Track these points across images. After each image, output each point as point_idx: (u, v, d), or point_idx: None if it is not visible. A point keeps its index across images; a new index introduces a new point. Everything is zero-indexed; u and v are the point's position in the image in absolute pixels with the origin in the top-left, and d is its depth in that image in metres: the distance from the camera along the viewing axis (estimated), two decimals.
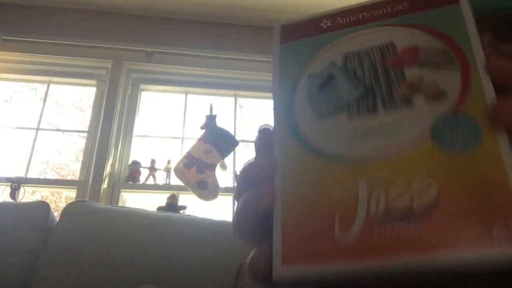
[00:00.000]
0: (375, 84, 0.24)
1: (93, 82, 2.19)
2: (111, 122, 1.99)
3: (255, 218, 0.24)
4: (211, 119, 1.98)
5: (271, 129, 0.26)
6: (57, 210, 2.44)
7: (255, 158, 0.26)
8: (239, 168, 2.08)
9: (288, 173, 0.23)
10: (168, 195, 1.83)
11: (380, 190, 0.21)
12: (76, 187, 1.90)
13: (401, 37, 0.25)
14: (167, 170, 1.97)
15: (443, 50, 0.24)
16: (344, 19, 0.28)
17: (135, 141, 2.08)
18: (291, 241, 0.21)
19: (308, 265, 0.20)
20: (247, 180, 0.25)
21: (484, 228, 0.18)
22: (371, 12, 0.27)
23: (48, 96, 2.17)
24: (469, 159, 0.20)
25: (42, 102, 2.14)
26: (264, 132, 0.27)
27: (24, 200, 1.79)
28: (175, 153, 2.07)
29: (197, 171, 1.82)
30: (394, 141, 0.22)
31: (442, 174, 0.20)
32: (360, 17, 0.27)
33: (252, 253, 0.24)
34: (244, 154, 2.38)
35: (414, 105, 0.23)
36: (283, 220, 0.22)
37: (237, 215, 0.25)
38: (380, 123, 0.23)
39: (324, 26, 0.28)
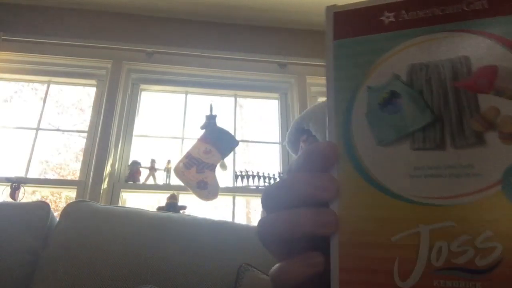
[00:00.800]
0: (444, 112, 0.21)
1: (93, 82, 2.19)
2: (111, 122, 1.99)
3: (303, 236, 0.23)
4: (211, 119, 1.98)
5: (335, 146, 0.23)
6: (57, 210, 2.44)
7: (314, 174, 0.23)
8: (239, 168, 2.08)
9: (346, 204, 0.22)
10: (168, 195, 1.83)
11: (443, 241, 0.20)
12: (76, 187, 1.90)
13: (478, 51, 0.21)
14: (167, 170, 1.97)
15: None
16: (410, 14, 0.23)
17: (135, 141, 2.08)
18: (350, 280, 0.21)
19: None
20: (299, 195, 0.23)
21: None
22: (443, 8, 0.23)
23: (48, 96, 2.17)
24: None
25: (42, 102, 2.14)
26: (330, 146, 0.23)
27: (24, 200, 1.79)
28: (175, 153, 2.07)
29: (197, 171, 1.82)
30: (462, 187, 0.20)
31: (509, 235, 0.19)
32: (430, 14, 0.23)
33: (282, 264, 0.24)
34: (244, 154, 2.38)
35: (487, 145, 0.20)
36: (341, 255, 0.21)
37: (276, 228, 0.23)
38: (448, 163, 0.21)
39: (386, 22, 0.24)
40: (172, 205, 1.75)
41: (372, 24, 0.24)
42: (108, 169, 1.91)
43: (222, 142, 1.91)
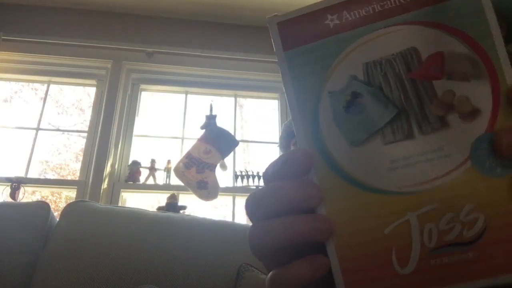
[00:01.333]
0: (406, 103, 0.23)
1: (93, 82, 2.19)
2: (111, 122, 1.99)
3: (301, 243, 0.23)
4: (211, 119, 1.98)
5: (310, 153, 0.24)
6: (57, 210, 2.44)
7: (296, 183, 0.24)
8: (239, 168, 2.08)
9: (334, 208, 0.22)
10: (168, 195, 1.83)
11: (431, 223, 0.21)
12: (76, 187, 1.90)
13: (423, 40, 0.23)
14: (167, 170, 1.97)
15: (470, 57, 0.22)
16: (352, 14, 0.24)
17: (135, 141, 2.08)
18: (354, 280, 0.21)
19: None
20: (287, 203, 0.23)
21: None
22: (382, 3, 0.24)
23: (48, 96, 2.17)
24: (510, 182, 0.21)
25: (42, 102, 2.14)
26: (304, 154, 0.24)
27: (24, 200, 1.79)
28: (175, 153, 2.07)
29: (197, 171, 1.82)
30: (437, 170, 0.22)
31: (487, 203, 0.21)
32: (371, 11, 0.24)
33: (283, 270, 0.24)
34: (244, 154, 2.38)
35: (450, 126, 0.22)
36: (340, 258, 0.22)
37: (274, 236, 0.23)
38: (420, 150, 0.22)
39: (331, 25, 0.24)
40: (172, 205, 1.75)
41: (318, 29, 0.24)
42: (108, 169, 1.91)
43: (222, 142, 1.91)
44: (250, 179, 2.02)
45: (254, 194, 0.25)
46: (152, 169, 1.95)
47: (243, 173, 2.03)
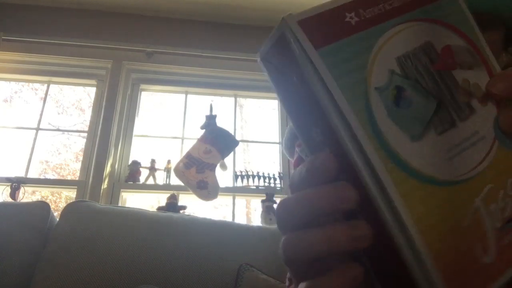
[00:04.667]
0: (441, 94, 0.24)
1: (93, 82, 2.19)
2: (111, 122, 1.99)
3: (341, 253, 0.23)
4: (211, 119, 1.98)
5: (332, 156, 0.23)
6: (57, 210, 2.45)
7: (328, 187, 0.23)
8: (239, 168, 2.08)
9: (414, 209, 0.21)
10: (168, 195, 1.83)
11: (493, 204, 0.23)
12: (76, 187, 1.90)
13: (433, 34, 0.25)
14: (167, 170, 1.97)
15: (467, 48, 0.24)
16: (368, 12, 0.24)
17: (135, 141, 2.08)
18: (448, 278, 0.21)
19: None
20: (321, 211, 0.23)
21: None
22: (389, 2, 0.25)
23: (48, 96, 2.17)
24: None
25: (42, 102, 2.14)
26: (327, 158, 0.23)
27: (24, 200, 1.79)
28: (175, 153, 2.07)
29: (197, 171, 1.82)
30: (481, 153, 0.23)
31: None
32: (383, 10, 0.24)
33: (318, 281, 0.23)
34: (244, 154, 2.38)
35: (476, 111, 0.24)
36: (434, 258, 0.21)
37: (311, 248, 0.23)
38: (464, 135, 0.23)
39: (353, 22, 0.24)
40: (172, 205, 1.75)
41: (342, 26, 0.24)
42: (108, 169, 1.91)
43: (222, 142, 1.91)
44: (250, 179, 2.02)
45: (284, 203, 0.24)
46: (152, 169, 1.95)
47: (243, 173, 2.03)
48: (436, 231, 0.22)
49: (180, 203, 1.82)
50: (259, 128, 2.43)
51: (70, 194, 2.03)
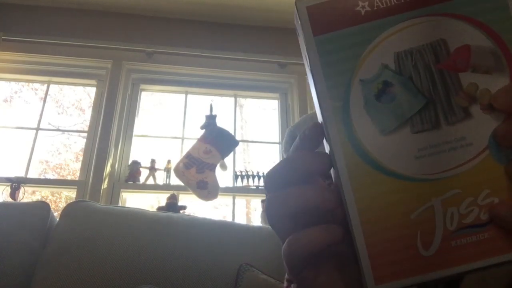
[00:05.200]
0: (434, 93, 0.24)
1: (93, 82, 2.19)
2: (111, 122, 1.99)
3: (314, 210, 0.25)
4: (211, 119, 1.98)
5: (319, 124, 0.26)
6: (57, 210, 2.45)
7: (307, 152, 0.26)
8: (239, 168, 2.08)
9: (362, 194, 0.24)
10: (168, 195, 1.83)
11: (453, 207, 0.23)
12: (76, 187, 1.90)
13: (451, 32, 0.24)
14: (167, 170, 1.97)
15: (493, 51, 0.23)
16: (384, 2, 0.24)
17: (135, 141, 2.08)
18: (380, 263, 0.23)
19: (400, 281, 0.23)
20: (300, 172, 0.25)
21: None
22: None
23: (48, 96, 2.17)
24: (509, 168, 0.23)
25: (42, 102, 2.14)
26: (314, 125, 0.26)
27: (24, 200, 1.79)
28: (175, 153, 2.07)
29: (197, 171, 1.82)
30: (460, 158, 0.23)
31: (500, 188, 0.23)
32: (402, 0, 0.24)
33: (300, 234, 0.25)
34: (244, 154, 2.38)
35: (472, 117, 0.23)
36: (368, 244, 0.23)
37: (287, 204, 0.25)
38: (445, 139, 0.23)
39: (363, 12, 0.24)
40: (172, 205, 1.75)
41: (350, 15, 0.24)
42: (108, 169, 1.91)
43: (222, 142, 1.91)
44: (250, 179, 2.02)
45: (273, 168, 0.27)
46: (152, 169, 1.95)
47: (243, 173, 2.03)
48: (375, 214, 0.23)
49: (180, 203, 1.82)
50: (259, 128, 2.43)
51: (70, 194, 2.03)
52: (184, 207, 1.79)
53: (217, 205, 2.17)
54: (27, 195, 1.86)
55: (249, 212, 2.53)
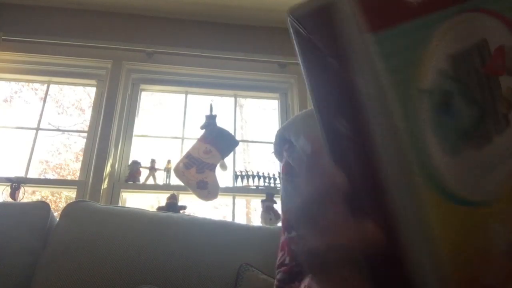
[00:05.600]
0: (484, 102, 0.21)
1: (93, 82, 2.19)
2: (111, 122, 1.99)
3: None
4: (211, 119, 1.98)
5: None
6: (57, 210, 2.45)
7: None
8: (239, 168, 2.08)
9: (449, 232, 0.20)
10: (168, 195, 1.83)
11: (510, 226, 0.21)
12: (76, 187, 1.90)
13: (489, 31, 0.21)
14: (167, 170, 1.97)
15: None
16: None
17: (135, 141, 2.08)
18: None
19: None
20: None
21: None
22: None
23: (48, 96, 2.17)
24: None
25: (42, 102, 2.14)
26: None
27: (24, 200, 1.79)
28: (175, 153, 2.07)
29: (197, 171, 1.82)
30: (507, 172, 0.21)
31: None
32: None
33: None
34: (244, 154, 2.38)
35: (510, 125, 0.21)
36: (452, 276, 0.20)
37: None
38: (497, 153, 0.21)
39: (415, 4, 0.20)
40: (172, 205, 1.75)
41: (404, 8, 0.20)
42: (108, 169, 1.91)
43: (222, 142, 1.91)
44: (250, 179, 2.02)
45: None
46: (152, 169, 1.95)
47: (243, 173, 2.03)
48: (462, 259, 0.20)
49: (180, 203, 1.82)
50: (259, 128, 2.43)
51: (70, 194, 2.03)
52: (184, 207, 1.79)
53: (217, 205, 2.17)
54: (27, 195, 1.86)
55: (249, 212, 2.53)
